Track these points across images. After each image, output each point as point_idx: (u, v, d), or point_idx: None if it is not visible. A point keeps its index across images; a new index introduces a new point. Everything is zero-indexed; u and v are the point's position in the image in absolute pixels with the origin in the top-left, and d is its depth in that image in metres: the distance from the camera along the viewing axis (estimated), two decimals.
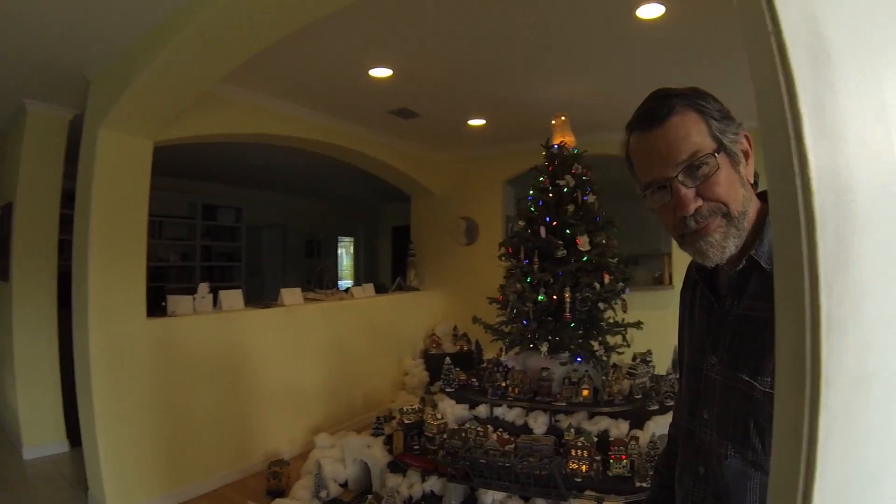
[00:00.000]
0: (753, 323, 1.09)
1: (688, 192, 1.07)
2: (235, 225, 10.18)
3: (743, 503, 1.10)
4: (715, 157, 1.05)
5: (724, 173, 1.07)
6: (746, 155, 1.12)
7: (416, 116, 5.89)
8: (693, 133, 1.07)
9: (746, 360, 1.09)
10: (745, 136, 1.12)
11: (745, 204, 1.09)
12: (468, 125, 6.38)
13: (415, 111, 5.73)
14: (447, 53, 4.26)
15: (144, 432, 4.15)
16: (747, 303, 1.12)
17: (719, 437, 1.15)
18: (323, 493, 4.24)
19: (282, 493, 4.35)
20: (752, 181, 1.13)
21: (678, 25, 3.93)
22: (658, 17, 3.77)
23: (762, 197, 1.13)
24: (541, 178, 4.93)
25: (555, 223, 4.72)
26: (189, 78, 3.63)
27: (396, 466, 4.23)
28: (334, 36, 3.90)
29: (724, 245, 1.08)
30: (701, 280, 1.27)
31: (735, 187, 1.08)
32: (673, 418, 1.51)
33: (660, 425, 4.11)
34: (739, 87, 5.24)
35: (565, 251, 4.62)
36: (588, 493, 3.56)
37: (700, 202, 1.07)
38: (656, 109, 1.10)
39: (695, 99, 1.09)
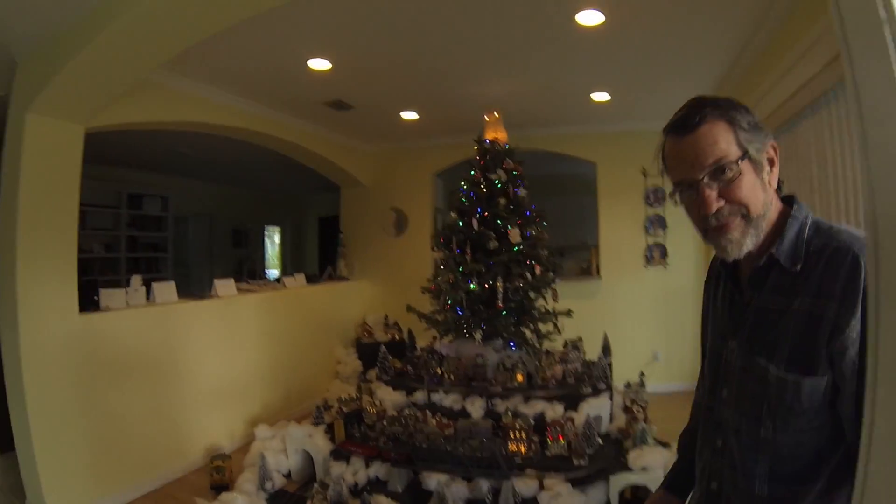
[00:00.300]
0: (770, 314, 1.24)
1: (711, 194, 1.20)
2: (162, 214, 9.84)
3: (752, 474, 1.25)
4: (738, 163, 1.18)
5: (747, 178, 1.20)
6: (772, 163, 1.25)
7: (350, 109, 5.94)
8: (721, 141, 1.19)
9: (763, 347, 1.24)
10: (773, 146, 1.25)
11: (765, 207, 1.22)
12: (401, 118, 6.47)
13: (349, 103, 5.78)
14: (386, 47, 4.32)
15: (82, 433, 4.00)
16: (765, 296, 1.26)
17: (736, 415, 1.30)
18: (268, 485, 4.25)
19: (226, 488, 4.33)
20: (775, 187, 1.26)
21: (617, 33, 4.14)
22: (598, 25, 3.96)
23: (786, 201, 1.29)
24: (473, 172, 5.08)
25: (487, 215, 4.88)
26: (127, 63, 3.56)
27: (339, 454, 4.28)
28: (276, 26, 3.90)
29: (742, 242, 1.22)
30: (725, 273, 1.41)
31: (756, 192, 1.21)
32: (695, 397, 1.66)
33: (593, 407, 4.33)
34: (675, 93, 5.61)
35: (497, 242, 4.79)
36: (529, 471, 3.74)
37: (722, 203, 1.20)
38: (690, 117, 1.22)
39: (726, 110, 1.22)
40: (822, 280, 1.15)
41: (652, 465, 3.71)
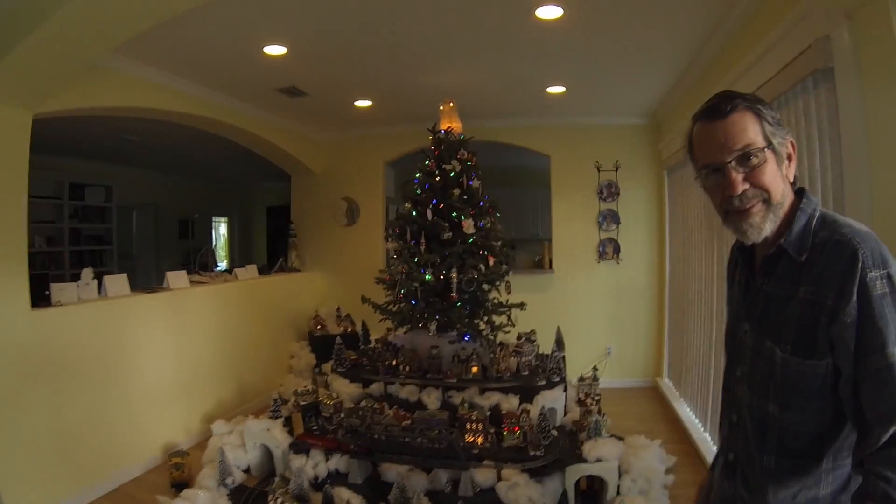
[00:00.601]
0: (778, 300, 1.34)
1: (737, 177, 1.30)
2: (106, 205, 9.51)
3: (761, 447, 1.36)
4: (764, 151, 1.29)
5: (770, 167, 1.30)
6: (790, 157, 1.35)
7: (303, 95, 5.83)
8: (749, 129, 1.29)
9: (770, 330, 1.35)
10: (791, 142, 1.35)
11: (783, 196, 1.33)
12: (354, 106, 6.38)
13: (303, 90, 5.67)
14: (343, 32, 4.24)
15: (37, 434, 3.85)
16: (775, 283, 1.36)
17: (748, 392, 1.42)
18: (229, 480, 4.18)
19: (186, 485, 4.23)
20: (791, 180, 1.37)
21: (576, 27, 4.16)
22: (556, 19, 3.98)
23: (797, 194, 1.37)
24: (427, 162, 5.02)
25: (441, 206, 4.83)
26: (80, 47, 3.41)
27: (299, 447, 4.22)
28: (234, 10, 3.79)
29: (762, 227, 1.32)
30: (742, 259, 1.52)
31: (777, 180, 1.31)
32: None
33: (548, 399, 4.36)
34: (633, 87, 5.67)
35: (451, 233, 4.75)
36: (486, 462, 3.77)
37: (747, 186, 1.30)
38: (722, 105, 1.32)
39: (754, 103, 1.32)
40: (824, 270, 1.24)
41: (606, 456, 3.76)
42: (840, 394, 1.24)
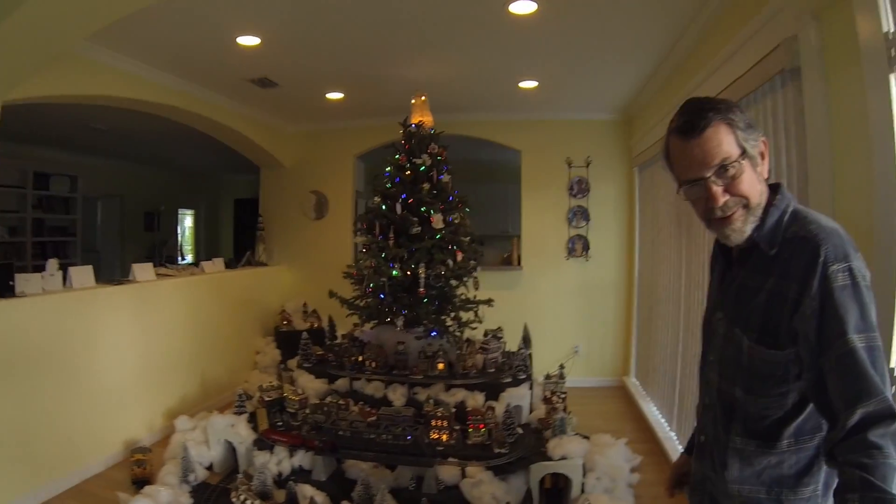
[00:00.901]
0: (748, 291, 1.44)
1: (718, 189, 1.37)
2: (71, 195, 9.30)
3: (728, 428, 1.48)
4: (740, 161, 1.35)
5: (747, 174, 1.37)
6: (762, 156, 1.41)
7: (275, 86, 5.76)
8: (724, 143, 1.35)
9: (739, 318, 1.45)
10: (763, 141, 1.42)
11: (761, 197, 1.40)
12: (326, 98, 6.30)
13: (275, 81, 5.59)
14: (316, 24, 4.20)
15: None
16: (747, 274, 1.46)
17: (718, 376, 1.54)
18: (191, 477, 4.11)
19: (148, 482, 4.14)
20: (765, 177, 1.44)
21: (550, 22, 4.16)
22: (530, 14, 3.98)
23: (772, 189, 1.45)
24: (398, 156, 4.98)
25: (410, 200, 4.80)
26: (53, 34, 3.32)
27: (263, 443, 4.18)
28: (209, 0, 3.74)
29: (743, 230, 1.40)
30: (719, 251, 1.62)
31: (754, 184, 1.39)
32: None
33: (513, 397, 4.36)
34: (606, 83, 5.67)
35: (420, 228, 4.71)
36: (451, 459, 3.76)
37: (727, 196, 1.37)
38: (695, 121, 1.37)
39: (726, 113, 1.37)
40: (789, 264, 1.33)
41: (571, 454, 3.77)
42: (805, 383, 1.33)
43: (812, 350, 1.27)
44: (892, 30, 1.96)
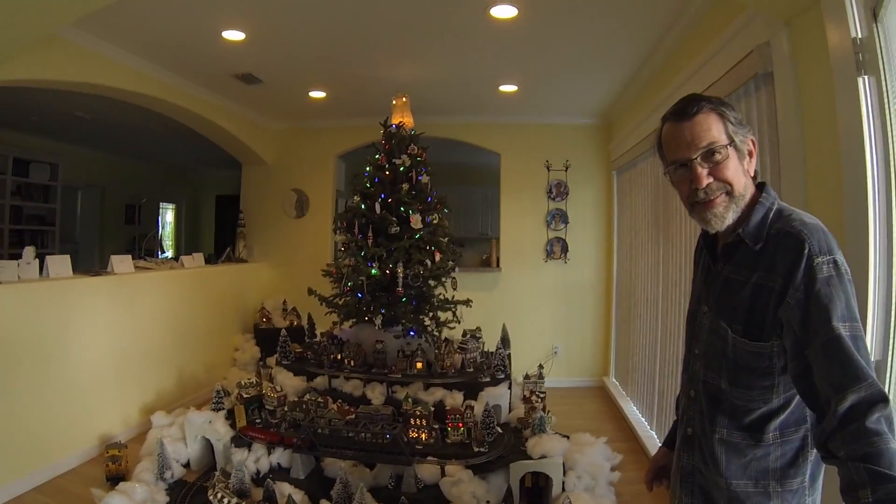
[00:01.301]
0: (734, 284, 1.47)
1: (702, 171, 1.43)
2: (50, 183, 9.02)
3: (714, 421, 1.51)
4: (727, 148, 1.43)
5: (732, 162, 1.44)
6: (751, 154, 1.49)
7: (259, 83, 5.76)
8: (713, 128, 1.43)
9: (725, 311, 1.49)
10: (752, 140, 1.49)
11: (745, 188, 1.46)
12: (309, 96, 6.31)
13: (259, 77, 5.60)
14: (301, 21, 4.23)
15: None
16: (732, 268, 1.49)
17: (703, 369, 1.57)
18: (168, 474, 4.07)
19: (122, 478, 4.10)
20: (752, 175, 1.50)
21: (530, 28, 4.22)
22: (511, 18, 4.04)
23: (758, 188, 1.50)
24: (378, 156, 4.99)
25: (390, 200, 4.81)
26: (37, 14, 3.30)
27: (241, 441, 4.16)
28: None
29: (724, 216, 1.45)
30: (705, 246, 1.64)
31: (739, 174, 1.45)
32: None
33: (492, 396, 4.38)
34: (585, 88, 5.73)
35: (399, 228, 4.73)
36: (430, 458, 3.78)
37: (711, 180, 1.43)
38: (688, 107, 1.45)
39: (718, 105, 1.45)
40: (775, 259, 1.37)
41: (550, 452, 3.77)
42: (790, 374, 1.35)
43: (797, 340, 1.30)
44: (859, 35, 2.02)
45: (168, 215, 13.21)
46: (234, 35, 4.47)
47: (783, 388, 1.40)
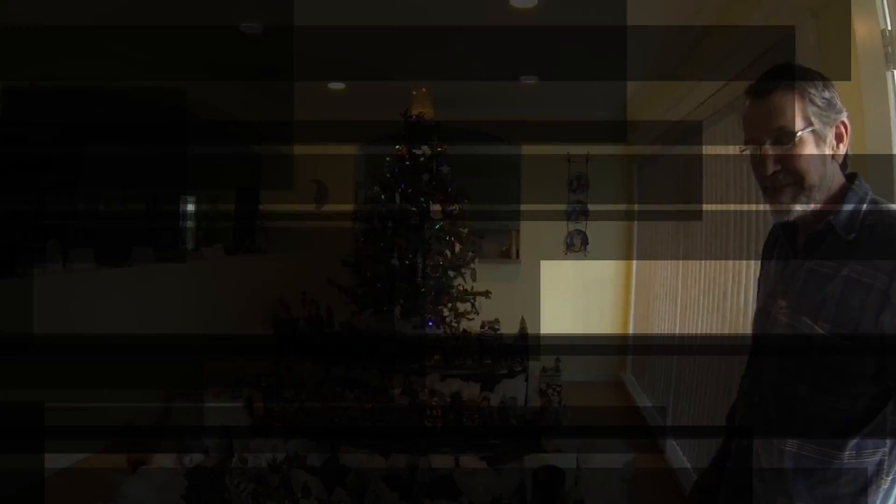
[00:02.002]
0: (819, 277, 1.30)
1: (770, 157, 1.30)
2: None
3: (788, 428, 1.32)
4: (800, 134, 1.26)
5: (807, 149, 1.28)
6: (840, 139, 1.32)
7: (278, 75, 5.81)
8: (787, 111, 1.27)
9: (809, 307, 1.29)
10: (843, 123, 1.32)
11: (821, 178, 1.30)
12: (329, 88, 6.35)
13: (279, 69, 5.66)
14: (320, 13, 4.22)
15: None
16: (818, 260, 1.32)
17: (777, 371, 1.38)
18: (186, 460, 4.08)
19: (142, 464, 4.11)
20: (840, 162, 1.35)
21: (551, 18, 4.18)
22: (531, 9, 4.02)
23: (849, 177, 1.35)
24: (398, 147, 4.99)
25: (410, 191, 4.80)
26: None
27: (258, 429, 4.18)
28: None
29: (789, 209, 1.32)
30: (784, 235, 1.46)
31: (814, 163, 1.29)
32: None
33: (509, 388, 4.35)
34: (606, 81, 5.66)
35: (418, 218, 4.72)
36: (445, 449, 3.77)
37: (779, 167, 1.30)
38: (768, 84, 1.31)
39: (803, 83, 1.29)
40: (873, 253, 1.21)
41: (565, 447, 3.75)
42: (888, 384, 1.19)
43: None
44: (889, 27, 1.97)
45: (188, 206, 13.29)
46: (252, 28, 4.52)
47: (869, 399, 1.21)
